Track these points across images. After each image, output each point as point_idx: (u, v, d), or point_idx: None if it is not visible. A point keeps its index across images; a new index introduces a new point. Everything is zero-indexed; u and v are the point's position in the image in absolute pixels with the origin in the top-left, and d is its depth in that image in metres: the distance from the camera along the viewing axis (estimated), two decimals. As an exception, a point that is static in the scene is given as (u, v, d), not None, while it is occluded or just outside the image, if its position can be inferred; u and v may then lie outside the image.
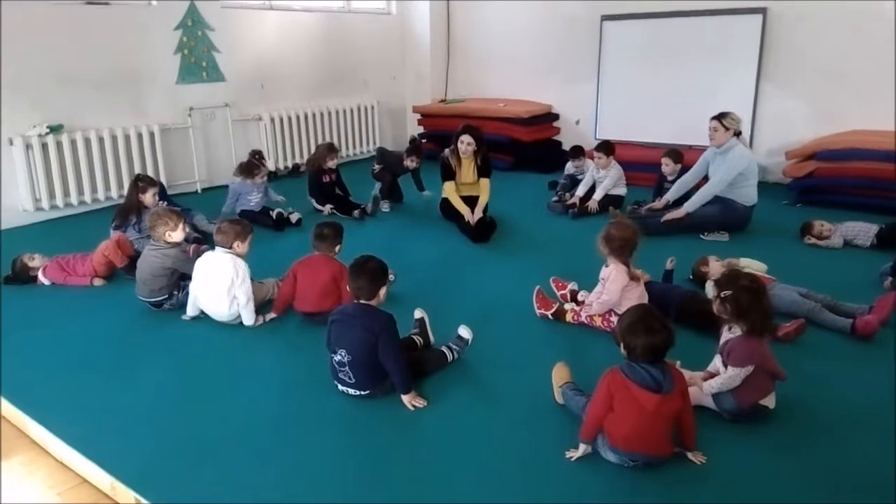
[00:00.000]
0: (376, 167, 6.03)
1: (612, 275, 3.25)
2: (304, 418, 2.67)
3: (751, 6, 6.18)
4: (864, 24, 5.72)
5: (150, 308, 3.73)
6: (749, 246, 4.47)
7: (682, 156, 5.40)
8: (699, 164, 5.03)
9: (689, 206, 4.85)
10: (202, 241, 4.57)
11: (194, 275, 3.56)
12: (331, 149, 5.76)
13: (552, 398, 2.71)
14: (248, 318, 3.51)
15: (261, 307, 3.65)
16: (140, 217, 4.45)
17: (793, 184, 5.71)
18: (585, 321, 3.40)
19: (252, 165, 5.37)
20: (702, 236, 4.81)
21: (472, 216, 5.01)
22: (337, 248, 3.60)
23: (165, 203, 4.76)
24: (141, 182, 4.59)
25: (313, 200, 5.75)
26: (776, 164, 6.19)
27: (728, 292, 2.47)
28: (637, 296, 3.24)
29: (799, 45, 6.06)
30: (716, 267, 3.71)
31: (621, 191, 5.66)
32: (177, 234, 3.70)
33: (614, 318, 3.17)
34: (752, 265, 3.81)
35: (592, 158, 5.78)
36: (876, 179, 5.16)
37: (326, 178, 5.73)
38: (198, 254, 3.76)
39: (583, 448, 2.33)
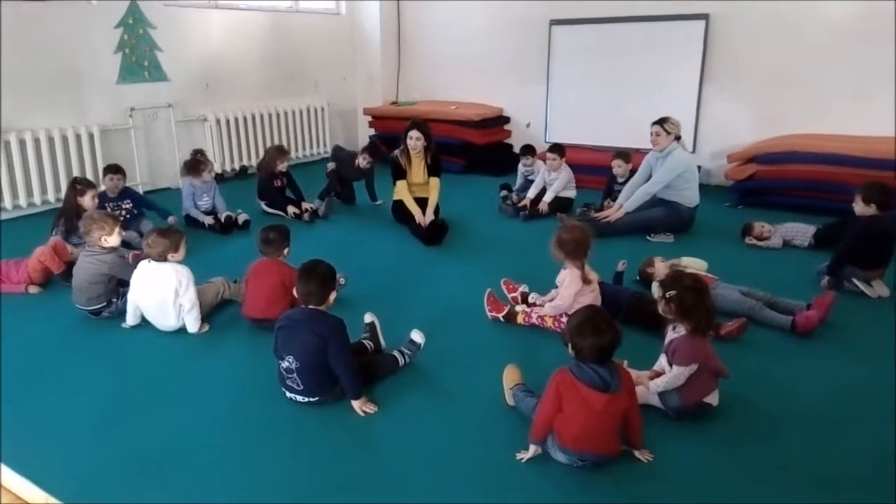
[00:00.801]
0: (329, 165, 5.97)
1: (567, 279, 3.28)
2: (252, 427, 2.61)
3: (694, 12, 6.34)
4: (803, 29, 5.93)
5: (89, 316, 3.59)
6: (693, 246, 4.58)
7: (631, 157, 5.51)
8: (643, 167, 5.13)
9: (627, 206, 4.97)
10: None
11: (132, 284, 3.44)
12: (280, 151, 5.67)
13: (504, 400, 2.71)
14: (193, 325, 3.42)
15: (212, 309, 3.56)
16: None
17: (734, 186, 5.88)
18: (537, 322, 3.42)
19: (197, 162, 5.24)
20: (648, 238, 4.92)
21: (423, 218, 5.01)
22: (285, 251, 3.54)
23: (130, 205, 4.82)
24: (79, 185, 4.42)
25: (262, 203, 5.65)
26: (719, 167, 6.37)
27: (672, 292, 2.52)
28: (591, 299, 3.27)
29: (740, 51, 6.25)
30: (661, 268, 3.79)
31: (571, 193, 5.74)
32: (112, 239, 3.56)
33: (565, 319, 3.20)
34: (694, 264, 3.90)
35: (544, 160, 5.84)
36: (813, 181, 5.36)
37: (278, 183, 5.63)
38: (137, 260, 3.63)
39: (533, 449, 2.34)
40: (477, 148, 7.28)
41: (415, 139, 5.11)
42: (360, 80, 8.52)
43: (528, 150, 6.07)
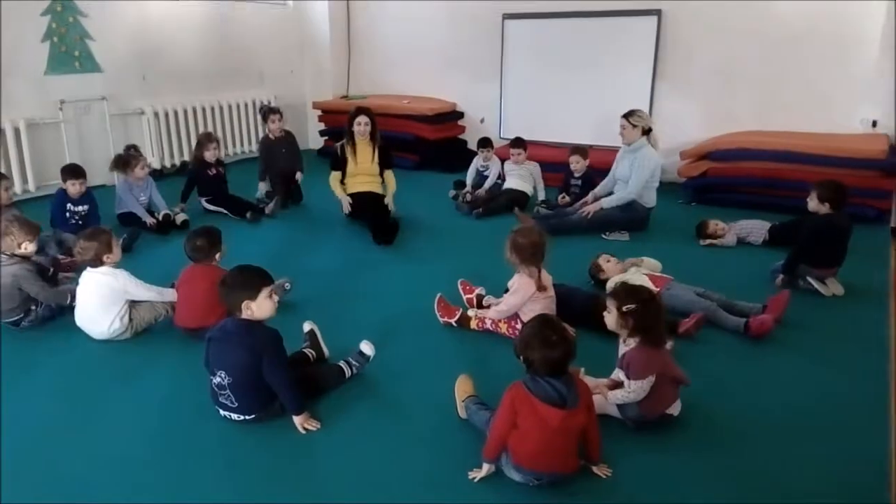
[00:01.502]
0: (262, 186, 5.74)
1: (517, 285, 3.12)
2: (181, 449, 2.39)
3: (646, 7, 6.29)
4: (755, 25, 5.91)
5: (9, 328, 3.30)
6: (647, 245, 4.51)
7: (588, 153, 5.43)
8: (616, 162, 5.07)
9: (606, 204, 4.87)
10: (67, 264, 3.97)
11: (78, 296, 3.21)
12: (208, 138, 5.41)
13: (456, 413, 2.55)
14: (158, 294, 3.30)
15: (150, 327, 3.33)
16: None
17: (687, 183, 5.86)
18: (490, 327, 3.27)
19: (130, 157, 4.93)
20: (603, 236, 4.83)
21: (348, 206, 5.01)
22: (217, 255, 3.29)
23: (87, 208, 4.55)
24: None
25: (203, 200, 5.37)
26: (671, 164, 6.31)
27: (631, 306, 2.37)
28: (544, 306, 3.11)
29: (692, 47, 6.23)
30: (611, 267, 3.69)
31: (528, 189, 5.62)
32: (30, 248, 3.32)
33: (520, 326, 3.06)
34: (649, 263, 3.80)
35: (503, 156, 5.82)
36: (766, 178, 5.35)
37: (213, 171, 5.36)
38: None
39: (486, 468, 2.19)
40: (430, 143, 7.11)
41: (363, 125, 5.02)
42: (309, 73, 8.25)
43: (486, 143, 5.98)
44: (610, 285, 3.41)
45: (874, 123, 5.50)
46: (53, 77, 5.72)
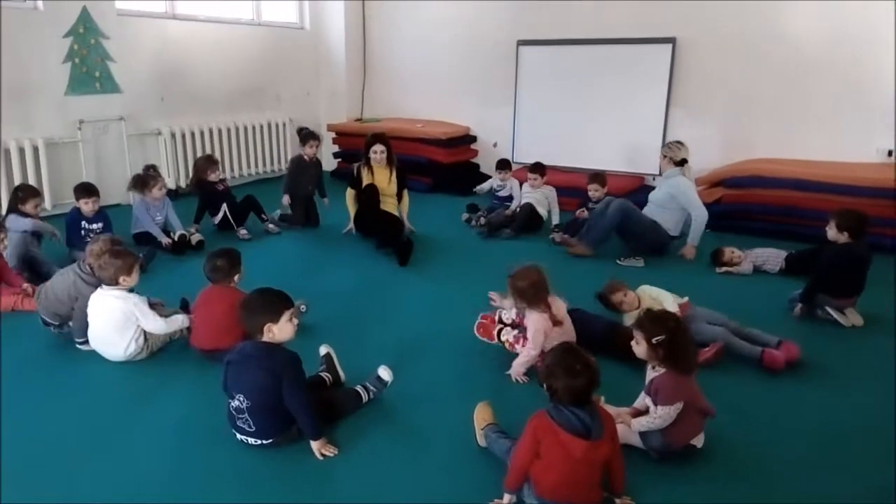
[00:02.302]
0: (284, 199, 5.74)
1: (533, 327, 3.06)
2: (198, 475, 2.37)
3: (660, 36, 6.34)
4: (770, 53, 5.95)
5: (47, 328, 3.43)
6: (663, 273, 4.47)
7: (606, 180, 5.45)
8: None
9: (696, 241, 4.91)
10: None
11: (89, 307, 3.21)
12: (209, 160, 5.48)
13: (475, 441, 2.53)
14: (164, 325, 3.23)
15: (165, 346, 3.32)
16: None
17: (702, 210, 5.83)
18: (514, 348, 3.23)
19: (147, 178, 4.97)
20: (618, 262, 4.81)
21: (353, 227, 5.21)
22: (236, 277, 3.29)
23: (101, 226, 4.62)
24: (21, 192, 4.43)
25: (213, 221, 5.40)
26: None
27: (661, 337, 2.33)
28: (563, 336, 3.07)
29: (707, 74, 6.26)
30: (631, 298, 3.51)
31: (543, 212, 5.63)
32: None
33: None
34: (661, 296, 3.54)
35: (521, 179, 5.86)
36: (781, 206, 5.33)
37: (221, 188, 5.44)
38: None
39: (507, 498, 2.16)
40: (443, 167, 7.14)
41: (379, 153, 5.10)
42: (324, 95, 8.33)
43: (504, 164, 6.03)
44: (628, 318, 3.38)
45: (890, 153, 5.50)
46: (74, 97, 5.79)
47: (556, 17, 6.85)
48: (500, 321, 3.38)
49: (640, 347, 2.42)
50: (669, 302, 3.34)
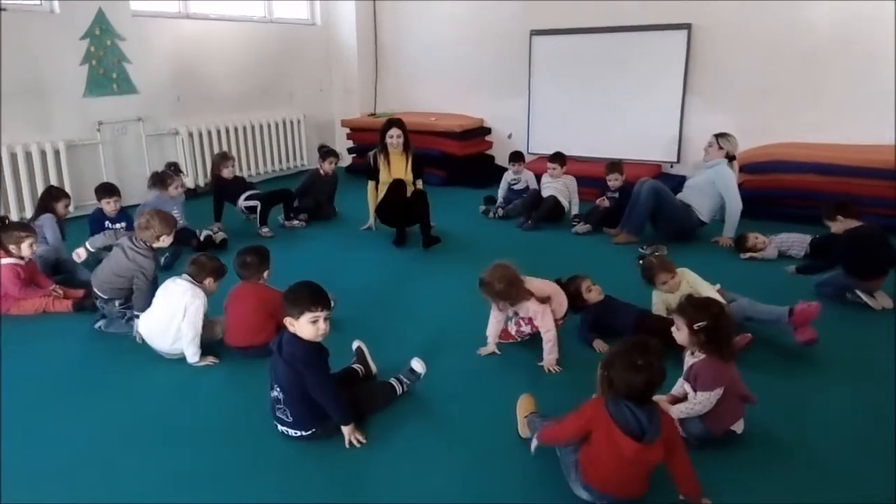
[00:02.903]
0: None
1: (536, 311, 3.07)
2: (240, 468, 2.39)
3: (675, 22, 6.30)
4: (786, 37, 5.91)
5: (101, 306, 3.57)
6: (688, 259, 4.43)
7: (623, 169, 5.46)
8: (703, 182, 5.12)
9: (731, 233, 4.92)
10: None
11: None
12: (223, 156, 5.55)
13: (515, 432, 2.52)
14: (192, 355, 3.17)
15: (209, 347, 3.29)
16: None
17: (722, 196, 5.80)
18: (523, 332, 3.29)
19: (166, 175, 5.01)
20: (640, 249, 4.80)
21: (373, 224, 5.30)
22: (265, 273, 3.30)
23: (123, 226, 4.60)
24: (54, 191, 4.57)
25: (243, 203, 5.44)
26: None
27: (702, 323, 2.33)
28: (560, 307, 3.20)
29: (723, 60, 6.22)
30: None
31: (564, 202, 5.63)
32: (166, 241, 3.54)
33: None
34: (700, 286, 3.47)
35: (536, 171, 5.90)
36: (802, 191, 5.30)
37: (232, 179, 5.53)
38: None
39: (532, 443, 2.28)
40: (458, 159, 7.14)
41: (395, 137, 5.11)
42: (337, 91, 8.34)
43: (518, 157, 6.02)
44: (659, 300, 3.37)
45: (908, 134, 5.45)
46: (92, 99, 5.83)
47: (569, 6, 6.80)
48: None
49: (681, 333, 2.42)
50: (705, 288, 3.30)
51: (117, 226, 4.67)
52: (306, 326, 2.44)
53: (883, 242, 3.76)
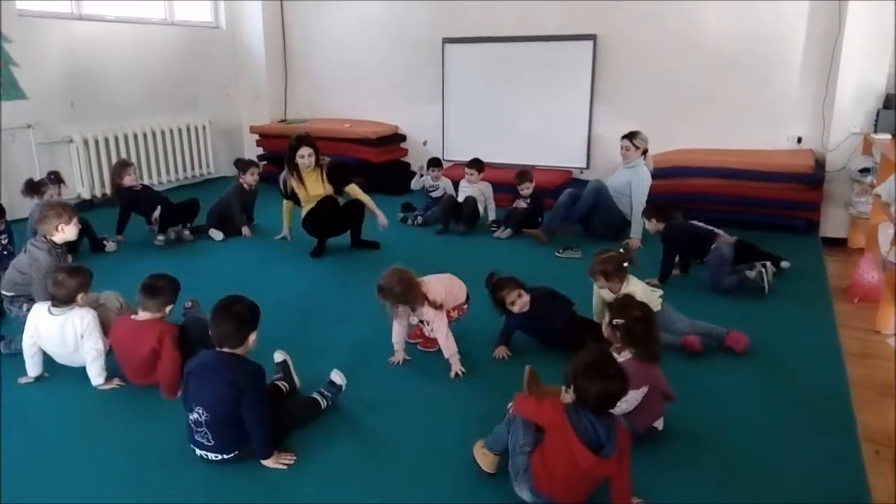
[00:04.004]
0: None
1: (431, 318, 3.09)
2: (161, 494, 2.25)
3: (581, 33, 6.50)
4: (686, 49, 6.21)
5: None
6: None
7: (533, 176, 5.57)
8: (621, 181, 5.30)
9: (637, 234, 5.09)
10: None
11: (30, 330, 3.01)
12: (122, 164, 5.28)
13: (471, 463, 2.35)
14: (96, 377, 2.96)
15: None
16: None
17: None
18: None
19: (41, 183, 4.70)
20: (556, 254, 4.92)
21: (287, 234, 5.16)
22: (168, 308, 3.00)
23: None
24: None
25: (148, 223, 5.18)
26: (612, 182, 6.53)
27: (620, 321, 2.44)
28: (454, 303, 3.25)
29: (628, 70, 6.46)
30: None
31: (480, 208, 5.70)
32: (68, 231, 3.52)
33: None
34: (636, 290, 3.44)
35: (451, 177, 5.95)
36: (702, 194, 5.58)
37: (139, 188, 5.28)
38: None
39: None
40: (374, 166, 7.07)
41: (306, 156, 4.83)
42: (245, 96, 8.07)
43: (436, 163, 6.05)
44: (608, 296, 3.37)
45: (799, 140, 5.86)
46: (-26, 104, 5.38)
47: (481, 15, 6.90)
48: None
49: (606, 328, 2.53)
50: (640, 293, 3.30)
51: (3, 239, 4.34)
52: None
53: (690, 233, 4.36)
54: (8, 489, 2.28)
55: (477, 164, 5.76)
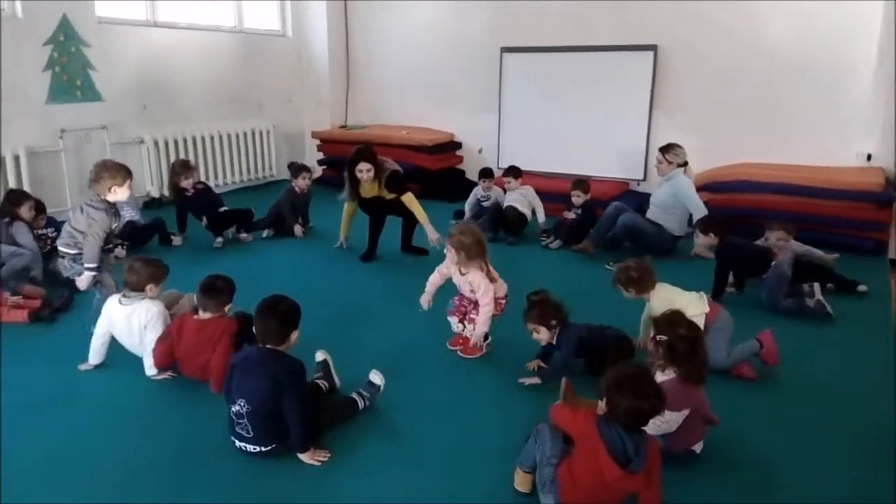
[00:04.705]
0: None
1: (479, 282, 3.23)
2: (195, 486, 2.34)
3: (642, 43, 6.41)
4: (750, 59, 6.03)
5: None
6: (668, 274, 4.46)
7: (590, 187, 5.51)
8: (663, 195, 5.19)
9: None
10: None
11: (104, 319, 3.17)
12: (183, 165, 5.43)
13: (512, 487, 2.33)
14: (150, 368, 3.10)
15: None
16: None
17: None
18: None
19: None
20: (607, 266, 4.84)
21: (344, 242, 5.18)
22: (227, 308, 3.11)
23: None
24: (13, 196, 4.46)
25: (203, 224, 5.39)
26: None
27: (664, 337, 2.39)
28: (501, 292, 3.31)
29: (689, 80, 6.34)
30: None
31: (527, 211, 5.67)
32: (121, 192, 3.46)
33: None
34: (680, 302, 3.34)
35: (502, 186, 5.89)
36: (762, 210, 5.38)
37: (191, 193, 5.41)
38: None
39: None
40: (430, 173, 7.15)
41: (364, 172, 4.81)
42: (308, 103, 8.30)
43: (488, 173, 6.06)
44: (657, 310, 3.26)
45: (868, 157, 5.60)
46: (55, 106, 5.71)
47: (540, 25, 6.90)
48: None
49: (650, 343, 2.50)
50: (685, 305, 3.10)
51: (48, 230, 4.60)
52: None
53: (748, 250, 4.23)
54: (50, 468, 2.41)
55: (513, 171, 5.78)
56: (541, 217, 5.71)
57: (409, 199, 4.97)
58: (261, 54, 7.69)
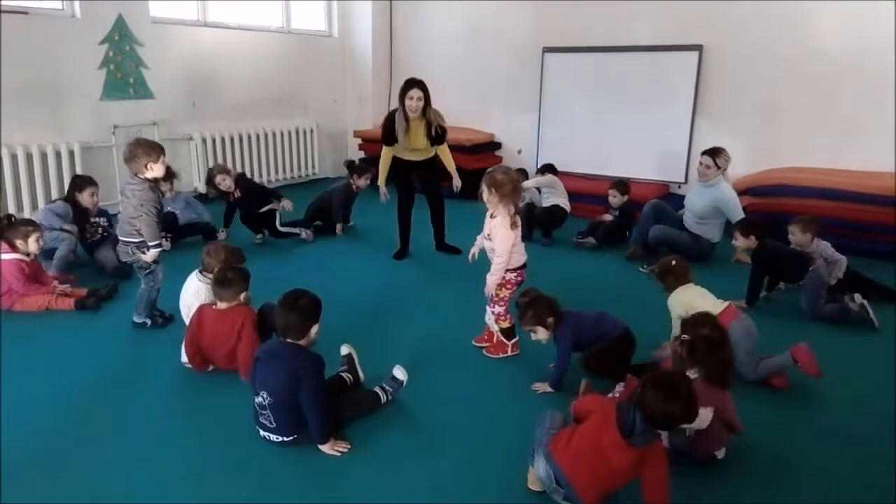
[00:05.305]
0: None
1: (501, 230, 3.17)
2: (221, 470, 2.43)
3: (687, 43, 6.31)
4: (796, 61, 5.89)
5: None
6: (700, 278, 4.41)
7: (629, 188, 5.44)
8: (698, 200, 5.06)
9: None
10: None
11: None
12: (218, 168, 5.51)
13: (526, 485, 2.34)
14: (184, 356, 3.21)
15: None
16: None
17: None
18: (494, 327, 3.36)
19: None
20: (640, 269, 4.79)
21: (385, 197, 4.97)
22: (242, 295, 3.17)
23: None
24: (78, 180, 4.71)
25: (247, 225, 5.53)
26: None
27: (686, 337, 2.38)
28: (521, 250, 3.28)
29: (734, 82, 6.21)
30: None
31: (565, 204, 5.62)
32: (157, 169, 3.41)
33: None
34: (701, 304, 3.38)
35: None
36: (811, 216, 5.23)
37: (228, 194, 5.47)
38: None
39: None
40: (468, 173, 7.12)
41: (415, 99, 4.60)
42: (351, 102, 8.43)
43: (521, 174, 6.01)
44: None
45: (921, 162, 5.40)
46: (108, 102, 5.96)
47: (582, 25, 6.86)
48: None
49: (673, 342, 2.51)
50: (699, 308, 3.15)
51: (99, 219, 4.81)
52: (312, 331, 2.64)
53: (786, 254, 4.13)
54: (86, 443, 2.54)
55: (548, 170, 5.88)
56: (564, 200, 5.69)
57: (443, 150, 5.01)
58: (307, 54, 7.85)
